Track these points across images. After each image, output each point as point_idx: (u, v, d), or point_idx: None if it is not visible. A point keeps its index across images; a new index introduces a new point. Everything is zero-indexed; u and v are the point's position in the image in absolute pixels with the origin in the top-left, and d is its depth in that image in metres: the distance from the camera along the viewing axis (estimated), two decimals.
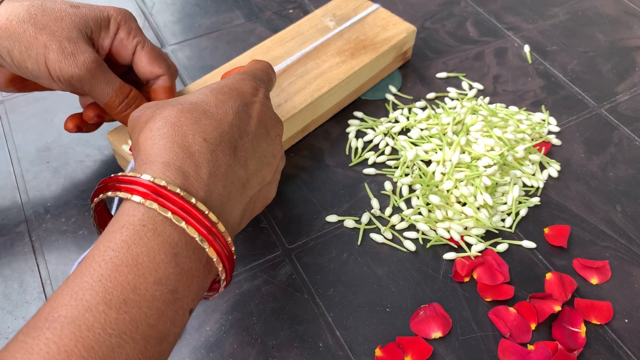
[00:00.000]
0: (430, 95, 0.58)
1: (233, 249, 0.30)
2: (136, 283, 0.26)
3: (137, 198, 0.28)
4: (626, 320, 0.42)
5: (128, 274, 0.26)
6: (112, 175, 0.30)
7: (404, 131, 0.55)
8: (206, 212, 0.28)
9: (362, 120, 0.56)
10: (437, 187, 0.48)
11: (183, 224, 0.28)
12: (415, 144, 0.53)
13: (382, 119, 0.55)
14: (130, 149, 0.44)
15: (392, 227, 0.47)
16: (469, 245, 0.46)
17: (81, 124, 0.46)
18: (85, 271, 0.26)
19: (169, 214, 0.27)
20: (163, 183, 0.28)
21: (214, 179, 0.30)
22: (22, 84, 0.45)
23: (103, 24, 0.42)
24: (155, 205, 0.27)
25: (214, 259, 0.29)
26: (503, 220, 0.48)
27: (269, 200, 0.37)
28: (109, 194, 0.29)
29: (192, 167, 0.30)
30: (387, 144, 0.53)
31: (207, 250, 0.28)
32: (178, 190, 0.28)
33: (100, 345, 0.24)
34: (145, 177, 0.28)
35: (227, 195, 0.31)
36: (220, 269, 0.29)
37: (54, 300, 0.25)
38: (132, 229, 0.27)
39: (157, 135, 0.31)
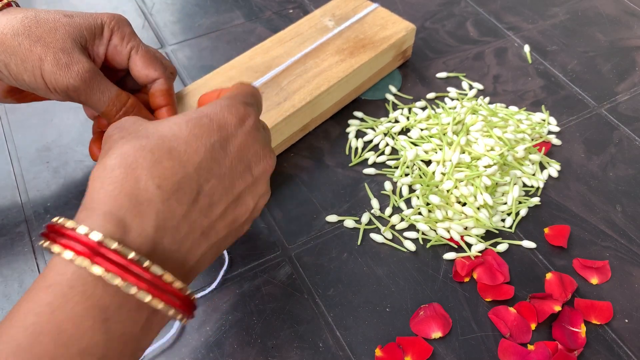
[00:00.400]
0: (430, 95, 0.58)
1: (189, 292, 0.28)
2: (57, 353, 0.23)
3: (68, 254, 0.25)
4: (626, 320, 0.42)
5: (49, 344, 0.23)
6: (56, 220, 0.27)
7: (404, 131, 0.55)
8: (147, 266, 0.26)
9: (362, 120, 0.56)
10: (437, 187, 0.48)
11: (117, 281, 0.25)
12: (415, 144, 0.53)
13: (382, 119, 0.55)
14: None
15: (392, 227, 0.47)
16: (469, 245, 0.46)
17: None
18: (3, 337, 0.24)
19: (101, 272, 0.25)
20: (98, 238, 0.25)
21: (161, 231, 0.28)
22: (20, 94, 0.45)
23: (97, 32, 0.42)
24: (86, 263, 0.25)
25: (160, 307, 0.26)
26: (503, 220, 0.48)
27: (242, 234, 0.35)
28: (45, 245, 0.27)
29: (136, 219, 0.27)
30: (387, 144, 0.53)
31: (151, 302, 0.26)
32: (115, 246, 0.26)
33: None
34: (81, 230, 0.26)
35: (178, 248, 0.29)
36: (171, 313, 0.27)
37: None
38: (58, 290, 0.25)
39: (107, 177, 0.28)
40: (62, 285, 0.25)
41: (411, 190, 0.50)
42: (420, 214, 0.48)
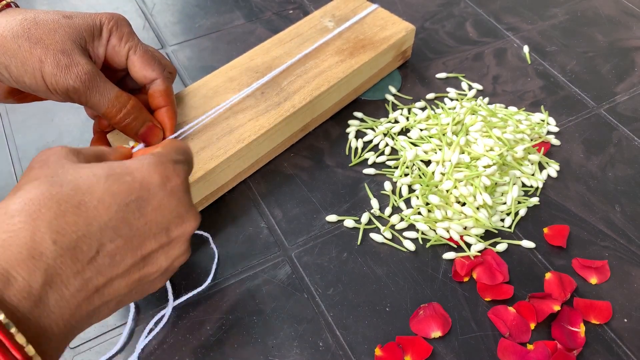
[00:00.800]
0: (430, 95, 0.58)
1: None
2: None
3: None
4: (625, 320, 0.42)
5: None
6: None
7: (404, 131, 0.55)
8: (12, 332, 0.25)
9: (362, 120, 0.56)
10: (436, 187, 0.48)
11: None
12: (414, 144, 0.53)
13: (381, 119, 0.56)
14: (132, 148, 0.45)
15: (392, 227, 0.47)
16: (469, 245, 0.46)
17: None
18: None
19: None
20: None
21: (47, 288, 0.27)
22: (21, 95, 0.45)
23: (95, 33, 0.42)
24: None
25: None
26: (502, 220, 0.48)
27: (153, 290, 0.34)
28: None
29: (23, 272, 0.26)
30: (387, 144, 0.53)
31: None
32: None
33: None
34: None
35: (65, 304, 0.28)
36: None
37: None
38: None
39: (4, 222, 0.27)
40: None
41: (411, 190, 0.50)
42: (419, 213, 0.48)
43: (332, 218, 0.48)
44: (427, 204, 0.48)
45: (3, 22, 0.39)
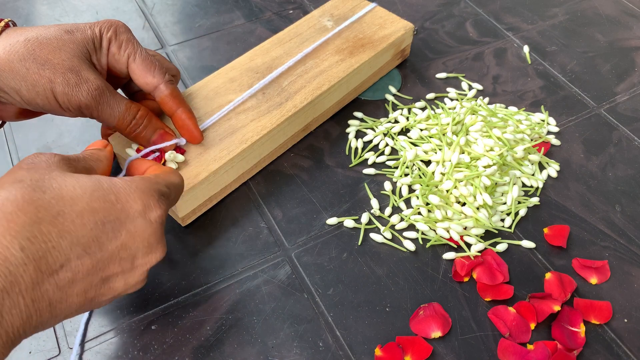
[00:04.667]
0: (430, 95, 0.58)
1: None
2: None
3: None
4: (625, 320, 0.42)
5: None
6: None
7: (404, 131, 0.55)
8: None
9: (362, 120, 0.56)
10: (436, 187, 0.48)
11: None
12: (414, 144, 0.53)
13: (381, 119, 0.56)
14: (137, 150, 0.45)
15: (392, 227, 0.47)
16: (469, 245, 0.46)
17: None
18: None
19: None
20: None
21: (3, 294, 0.26)
22: (30, 113, 0.45)
23: (97, 44, 0.41)
24: None
25: None
26: (502, 220, 0.48)
27: (99, 307, 0.34)
28: None
29: None
30: (387, 144, 0.53)
31: None
32: None
33: None
34: None
35: (17, 312, 0.27)
36: None
37: None
38: None
39: None
40: None
41: (411, 190, 0.50)
42: (419, 214, 0.48)
43: (332, 221, 0.48)
44: (427, 204, 0.48)
45: (7, 46, 0.38)
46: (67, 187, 0.30)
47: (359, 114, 0.56)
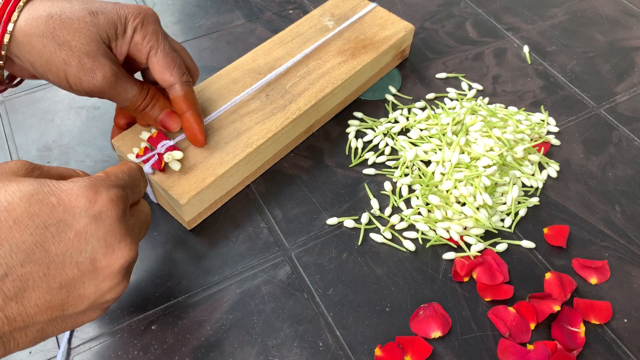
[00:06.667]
0: (430, 95, 0.58)
1: None
2: None
3: None
4: (625, 320, 0.42)
5: None
6: None
7: (404, 131, 0.55)
8: None
9: (362, 120, 0.56)
10: (436, 187, 0.48)
11: None
12: (414, 144, 0.53)
13: (381, 120, 0.56)
14: (137, 156, 0.45)
15: (392, 227, 0.47)
16: (469, 245, 0.46)
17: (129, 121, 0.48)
18: None
19: None
20: None
21: None
22: None
23: (120, 31, 0.41)
24: None
25: None
26: (502, 220, 0.48)
27: (84, 322, 0.32)
28: None
29: None
30: (387, 144, 0.53)
31: None
32: None
33: None
34: None
35: None
36: None
37: None
38: None
39: None
40: None
41: (411, 190, 0.50)
42: (419, 214, 0.48)
43: (332, 221, 0.48)
44: (427, 204, 0.48)
45: (29, 18, 0.38)
46: (6, 192, 0.29)
47: (359, 114, 0.56)
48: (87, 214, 0.30)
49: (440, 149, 0.51)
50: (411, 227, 0.48)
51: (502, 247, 0.46)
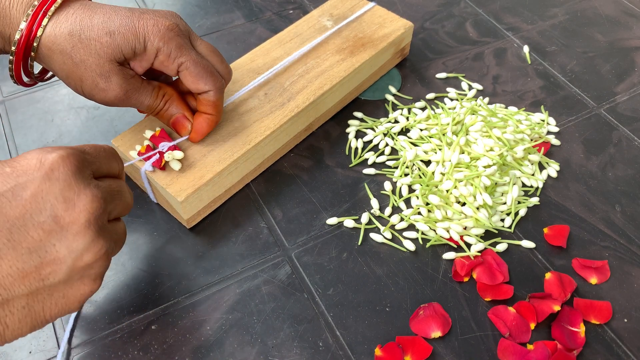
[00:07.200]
0: (430, 95, 0.58)
1: None
2: None
3: None
4: (625, 320, 0.42)
5: None
6: None
7: (404, 131, 0.55)
8: None
9: (362, 120, 0.56)
10: (436, 187, 0.48)
11: None
12: (414, 144, 0.53)
13: (381, 119, 0.56)
14: (139, 153, 0.45)
15: (392, 227, 0.47)
16: (469, 245, 0.46)
17: None
18: None
19: None
20: None
21: None
22: None
23: (139, 50, 0.41)
24: None
25: None
26: (502, 220, 0.48)
27: (78, 297, 0.31)
28: None
29: None
30: (387, 144, 0.53)
31: None
32: None
33: None
34: None
35: None
36: None
37: None
38: None
39: None
40: None
41: (411, 190, 0.50)
42: (419, 213, 0.48)
43: (332, 221, 0.48)
44: (427, 204, 0.48)
45: (52, 35, 0.40)
46: None
47: (359, 114, 0.56)
48: (40, 173, 0.29)
49: (440, 149, 0.51)
50: (411, 227, 0.48)
51: (502, 247, 0.46)
